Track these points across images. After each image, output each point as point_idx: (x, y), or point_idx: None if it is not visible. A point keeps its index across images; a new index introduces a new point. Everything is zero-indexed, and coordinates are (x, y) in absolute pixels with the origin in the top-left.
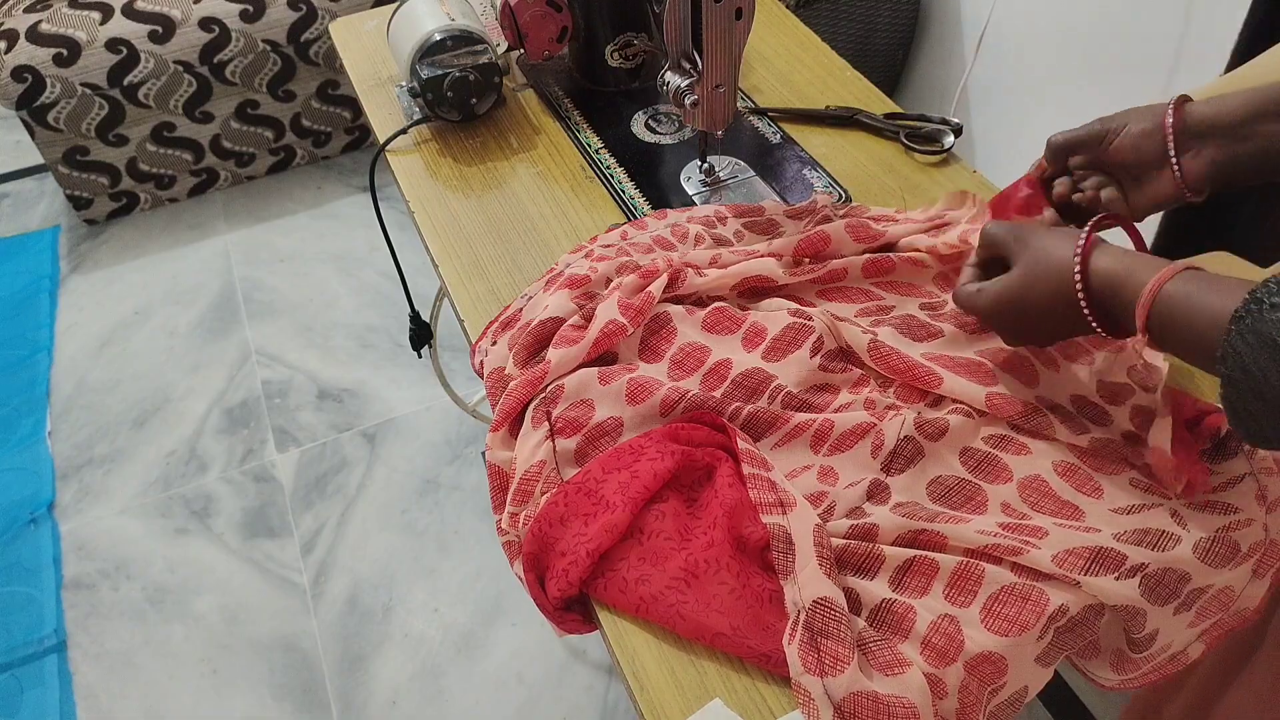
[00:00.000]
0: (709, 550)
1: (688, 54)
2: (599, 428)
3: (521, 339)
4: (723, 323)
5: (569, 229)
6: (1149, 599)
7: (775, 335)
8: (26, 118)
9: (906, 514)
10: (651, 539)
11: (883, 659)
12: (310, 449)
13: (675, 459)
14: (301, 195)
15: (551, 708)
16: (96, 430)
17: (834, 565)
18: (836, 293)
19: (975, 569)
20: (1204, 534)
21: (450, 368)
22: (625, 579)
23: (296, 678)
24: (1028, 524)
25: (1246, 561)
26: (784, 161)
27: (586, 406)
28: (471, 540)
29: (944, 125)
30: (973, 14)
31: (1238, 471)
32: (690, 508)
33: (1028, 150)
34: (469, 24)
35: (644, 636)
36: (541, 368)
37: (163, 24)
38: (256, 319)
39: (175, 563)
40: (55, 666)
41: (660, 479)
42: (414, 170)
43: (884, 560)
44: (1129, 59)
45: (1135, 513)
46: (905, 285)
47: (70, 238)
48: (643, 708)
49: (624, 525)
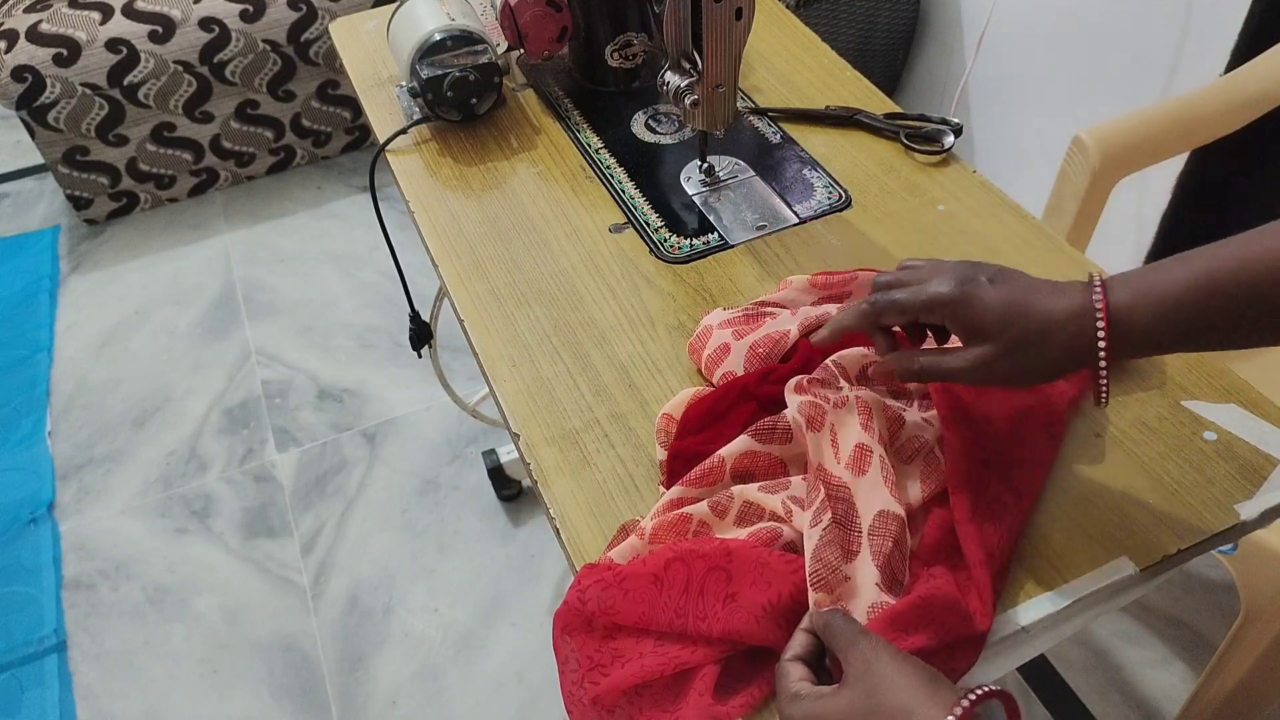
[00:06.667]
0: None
1: (688, 54)
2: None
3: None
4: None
5: (569, 229)
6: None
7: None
8: (26, 118)
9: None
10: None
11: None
12: (310, 449)
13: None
14: (301, 195)
15: (551, 708)
16: (96, 430)
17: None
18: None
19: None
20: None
21: (450, 368)
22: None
23: (296, 678)
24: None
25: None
26: (784, 161)
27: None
28: (471, 540)
29: (944, 125)
30: (973, 14)
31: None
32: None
33: (1028, 150)
34: (469, 24)
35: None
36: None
37: (163, 24)
38: (256, 319)
39: (175, 563)
40: (55, 666)
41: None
42: (414, 170)
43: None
44: (1129, 59)
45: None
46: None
47: (70, 238)
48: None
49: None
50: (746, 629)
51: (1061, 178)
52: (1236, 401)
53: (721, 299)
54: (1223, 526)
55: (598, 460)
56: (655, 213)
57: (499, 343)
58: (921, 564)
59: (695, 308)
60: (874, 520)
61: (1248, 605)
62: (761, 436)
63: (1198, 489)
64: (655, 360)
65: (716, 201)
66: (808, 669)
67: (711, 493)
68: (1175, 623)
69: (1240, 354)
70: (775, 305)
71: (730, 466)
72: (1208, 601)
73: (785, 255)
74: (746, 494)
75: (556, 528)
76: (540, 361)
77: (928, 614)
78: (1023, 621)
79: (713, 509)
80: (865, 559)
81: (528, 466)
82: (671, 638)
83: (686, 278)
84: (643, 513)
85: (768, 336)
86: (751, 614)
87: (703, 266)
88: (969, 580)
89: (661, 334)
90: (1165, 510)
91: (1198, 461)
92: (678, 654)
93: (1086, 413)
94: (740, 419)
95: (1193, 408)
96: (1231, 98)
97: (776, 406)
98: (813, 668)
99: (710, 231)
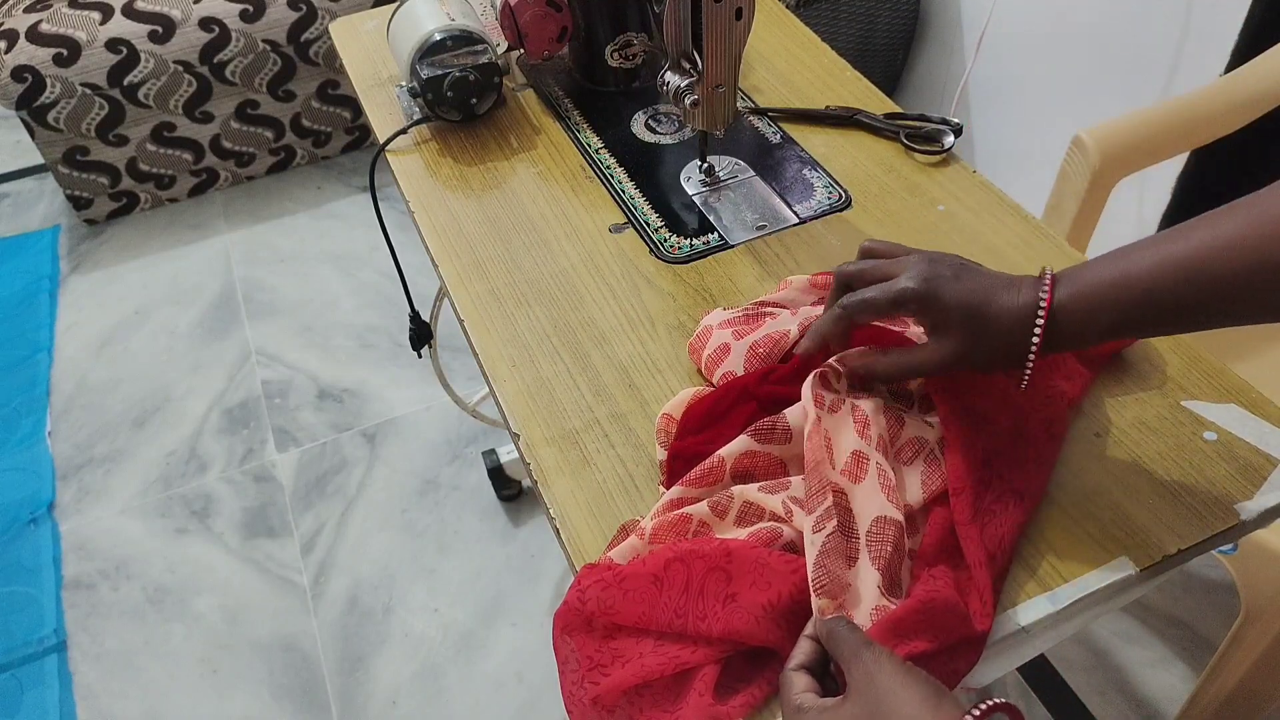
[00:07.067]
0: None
1: (688, 54)
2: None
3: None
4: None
5: (569, 229)
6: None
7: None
8: (26, 118)
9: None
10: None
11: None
12: (310, 449)
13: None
14: (301, 195)
15: (551, 708)
16: (96, 430)
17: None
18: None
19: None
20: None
21: (450, 368)
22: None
23: (296, 678)
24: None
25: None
26: (784, 161)
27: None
28: (471, 540)
29: (944, 125)
30: (973, 14)
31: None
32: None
33: (1028, 150)
34: (469, 24)
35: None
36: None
37: (163, 24)
38: (256, 319)
39: (175, 563)
40: (55, 666)
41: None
42: (414, 170)
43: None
44: (1129, 59)
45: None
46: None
47: (70, 238)
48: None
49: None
50: (746, 629)
51: (1061, 178)
52: (1236, 401)
53: (721, 299)
54: (1223, 526)
55: (598, 460)
56: (655, 213)
57: (499, 343)
58: (924, 564)
59: (695, 308)
60: (871, 526)
61: (1248, 605)
62: (761, 436)
63: (1198, 489)
64: (655, 360)
65: (716, 201)
66: (812, 679)
67: (711, 493)
68: (1175, 623)
69: (1240, 354)
70: (775, 305)
71: (730, 466)
72: (1208, 601)
73: (785, 255)
74: (746, 494)
75: (556, 528)
76: (540, 361)
77: (929, 618)
78: (1023, 621)
79: (713, 509)
80: (865, 564)
81: (528, 466)
82: (671, 638)
83: (686, 278)
84: (643, 513)
85: (768, 336)
86: (751, 614)
87: (703, 266)
88: (969, 581)
89: (661, 334)
90: (1165, 510)
91: (1198, 461)
92: (678, 654)
93: (1087, 413)
94: (740, 419)
95: (1193, 408)
96: (1231, 98)
97: (776, 406)
98: (817, 676)
99: (710, 231)
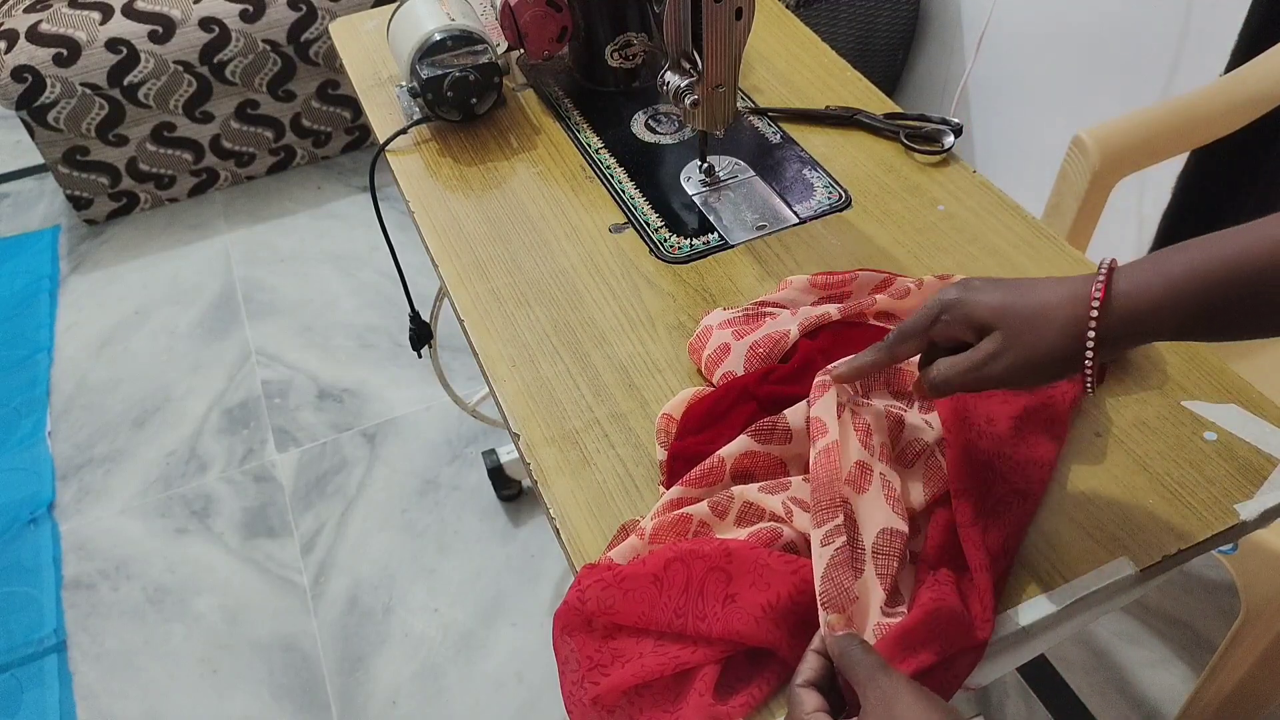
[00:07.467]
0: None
1: (688, 54)
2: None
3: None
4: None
5: (569, 229)
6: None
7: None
8: (26, 118)
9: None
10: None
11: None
12: (310, 449)
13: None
14: (301, 195)
15: (551, 708)
16: (96, 430)
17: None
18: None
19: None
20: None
21: (450, 368)
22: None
23: (296, 678)
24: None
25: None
26: (784, 161)
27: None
28: (471, 540)
29: (944, 125)
30: (973, 14)
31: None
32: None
33: (1028, 150)
34: (469, 24)
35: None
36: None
37: (163, 24)
38: (256, 319)
39: (175, 563)
40: (55, 666)
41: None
42: (414, 170)
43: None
44: (1129, 59)
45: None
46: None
47: (70, 238)
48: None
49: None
50: (746, 629)
51: (1061, 178)
52: (1236, 401)
53: (721, 299)
54: (1223, 526)
55: (598, 460)
56: (655, 213)
57: (499, 343)
58: (927, 567)
59: (695, 308)
60: (877, 538)
61: (1248, 605)
62: (761, 437)
63: (1198, 489)
64: (655, 360)
65: (716, 201)
66: (821, 697)
67: (711, 493)
68: (1175, 623)
69: (1240, 354)
70: (775, 305)
71: (730, 467)
72: (1208, 601)
73: (785, 255)
74: (746, 494)
75: (556, 528)
76: (540, 361)
77: (934, 629)
78: (1023, 621)
79: (713, 509)
80: (870, 578)
81: (528, 466)
82: (671, 638)
83: (686, 278)
84: (643, 513)
85: (768, 336)
86: (751, 614)
87: (703, 266)
88: (971, 585)
89: (661, 334)
90: (1165, 510)
91: (1198, 461)
92: (678, 654)
93: (1087, 413)
94: (740, 419)
95: (1193, 408)
96: (1231, 98)
97: (776, 406)
98: (823, 690)
99: (710, 231)
